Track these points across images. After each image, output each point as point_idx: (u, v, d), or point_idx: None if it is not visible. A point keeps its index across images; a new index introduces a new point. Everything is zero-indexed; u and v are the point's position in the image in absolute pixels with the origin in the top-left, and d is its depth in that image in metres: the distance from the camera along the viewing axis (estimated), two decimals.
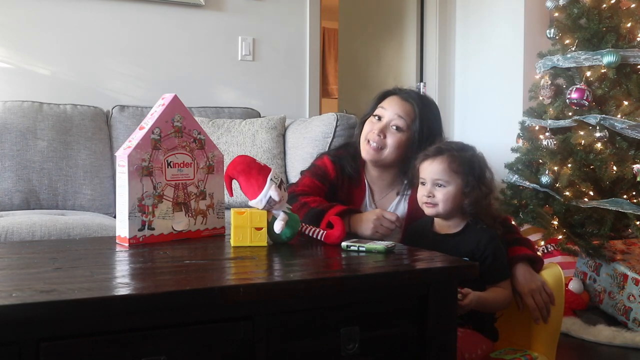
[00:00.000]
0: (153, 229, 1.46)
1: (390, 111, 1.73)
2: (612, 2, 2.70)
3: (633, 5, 2.68)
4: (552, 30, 2.86)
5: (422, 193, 1.58)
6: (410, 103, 1.74)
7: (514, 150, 2.97)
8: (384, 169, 1.79)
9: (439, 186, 1.55)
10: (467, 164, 1.54)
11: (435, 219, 1.63)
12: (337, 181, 1.76)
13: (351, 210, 1.65)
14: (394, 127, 1.72)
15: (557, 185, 2.65)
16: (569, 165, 2.65)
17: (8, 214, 2.34)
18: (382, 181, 1.80)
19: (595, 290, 2.60)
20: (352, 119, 3.02)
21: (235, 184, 1.46)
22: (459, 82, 3.88)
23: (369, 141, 1.73)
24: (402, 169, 1.76)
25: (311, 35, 3.50)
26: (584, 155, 2.61)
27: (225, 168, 1.50)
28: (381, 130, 1.72)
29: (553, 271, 1.70)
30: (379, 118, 1.74)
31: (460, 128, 3.86)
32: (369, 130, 1.74)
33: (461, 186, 1.53)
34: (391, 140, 1.72)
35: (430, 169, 1.55)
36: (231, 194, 1.50)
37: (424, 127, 1.72)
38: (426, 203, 1.57)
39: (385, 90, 1.83)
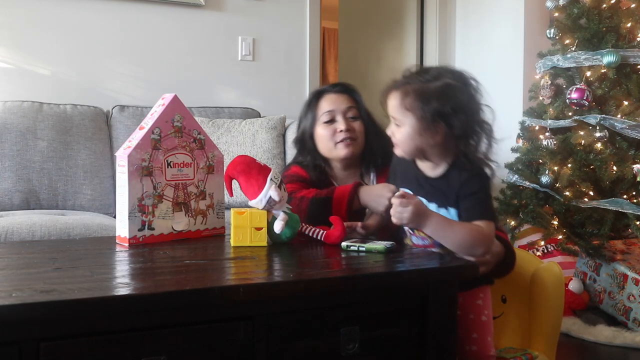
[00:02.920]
0: (153, 229, 1.46)
1: (336, 108, 1.78)
2: (612, 2, 2.70)
3: (633, 5, 2.68)
4: (552, 30, 2.86)
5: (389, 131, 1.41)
6: (343, 95, 1.81)
7: (514, 150, 2.97)
8: (351, 164, 1.82)
9: (397, 125, 1.36)
10: (427, 98, 1.30)
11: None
12: (312, 184, 1.77)
13: (356, 186, 1.64)
14: (351, 118, 1.78)
15: (557, 185, 2.65)
16: (569, 165, 2.65)
17: (8, 214, 2.34)
18: (350, 179, 1.82)
19: (595, 290, 2.60)
20: None
21: (235, 184, 1.46)
22: None
23: (342, 140, 1.76)
24: (365, 158, 1.80)
25: (311, 35, 3.50)
26: (584, 155, 2.61)
27: (225, 168, 1.50)
28: (346, 125, 1.76)
29: (552, 271, 1.70)
30: (331, 121, 1.78)
31: None
32: (332, 133, 1.77)
33: (417, 125, 1.32)
34: (357, 128, 1.78)
35: (388, 106, 1.37)
36: (231, 194, 1.50)
37: (366, 110, 1.81)
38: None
39: (313, 93, 1.87)
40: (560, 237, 2.67)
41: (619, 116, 2.57)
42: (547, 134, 2.79)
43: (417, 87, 1.33)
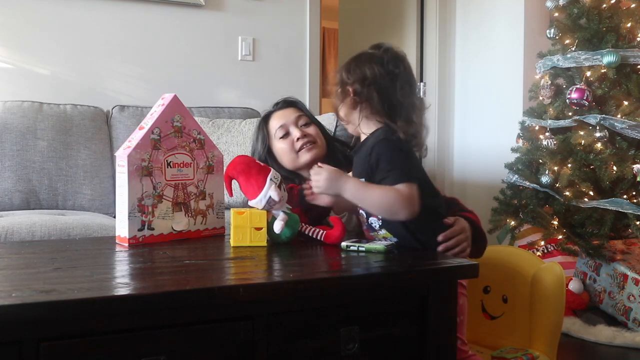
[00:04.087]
0: (153, 229, 1.46)
1: (286, 121, 1.85)
2: (612, 2, 2.70)
3: (633, 5, 2.68)
4: (552, 30, 2.86)
5: None
6: (288, 108, 1.88)
7: (514, 150, 2.97)
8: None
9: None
10: (340, 70, 1.50)
11: None
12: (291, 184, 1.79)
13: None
14: (303, 125, 1.85)
15: (557, 185, 2.65)
16: (569, 165, 2.65)
17: (8, 214, 2.34)
18: None
19: (595, 290, 2.60)
20: None
21: (235, 184, 1.46)
22: (459, 82, 3.88)
23: (301, 148, 1.80)
24: (329, 158, 1.82)
25: (311, 35, 3.50)
26: (584, 155, 2.61)
27: (225, 168, 1.50)
28: (300, 133, 1.81)
29: (553, 271, 1.70)
30: (286, 134, 1.83)
31: (460, 128, 3.86)
32: (290, 144, 1.82)
33: (336, 94, 1.49)
34: (312, 132, 1.84)
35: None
36: (231, 194, 1.50)
37: (312, 115, 1.92)
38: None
39: (260, 119, 1.93)
40: (560, 237, 2.67)
41: (619, 116, 2.57)
42: (547, 134, 2.79)
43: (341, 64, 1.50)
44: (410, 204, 1.34)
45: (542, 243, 2.75)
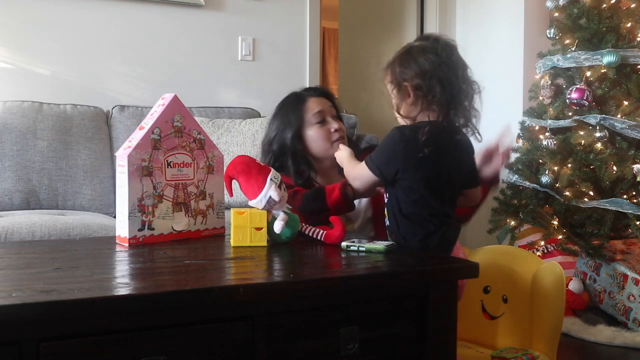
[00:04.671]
0: (153, 229, 1.46)
1: (324, 109, 1.87)
2: (612, 2, 2.70)
3: (633, 5, 2.68)
4: (552, 30, 2.86)
5: None
6: (323, 98, 1.91)
7: (514, 150, 2.97)
8: (337, 163, 1.82)
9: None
10: (392, 65, 1.50)
11: None
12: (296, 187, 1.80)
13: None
14: (336, 117, 1.90)
15: (557, 185, 2.65)
16: (569, 165, 2.65)
17: (8, 214, 2.34)
18: (335, 178, 1.84)
19: (595, 290, 2.60)
20: (352, 119, 3.02)
21: (235, 184, 1.46)
22: None
23: (337, 139, 1.84)
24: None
25: (311, 35, 3.50)
26: (584, 155, 2.61)
27: (225, 168, 1.50)
28: (338, 125, 1.86)
29: (553, 271, 1.70)
30: (323, 121, 1.85)
31: None
32: (327, 133, 1.84)
33: (393, 91, 1.49)
34: (343, 128, 1.90)
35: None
36: (231, 194, 1.50)
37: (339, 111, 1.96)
38: None
39: (292, 97, 1.93)
40: (560, 237, 2.67)
41: (619, 116, 2.57)
42: (547, 134, 2.78)
43: (390, 61, 1.48)
44: (353, 180, 1.53)
45: (542, 243, 2.75)
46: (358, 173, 1.50)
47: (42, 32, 2.94)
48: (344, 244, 1.39)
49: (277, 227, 1.41)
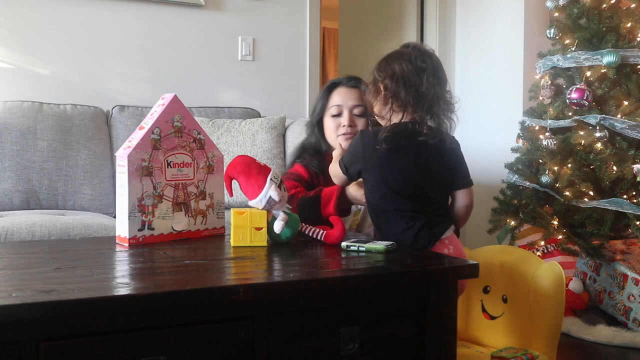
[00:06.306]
0: (153, 229, 1.46)
1: (344, 103, 1.93)
2: (612, 2, 2.70)
3: (633, 5, 2.67)
4: (552, 30, 2.86)
5: None
6: (357, 89, 1.94)
7: (514, 150, 2.97)
8: None
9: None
10: (373, 71, 1.60)
11: None
12: (311, 180, 1.91)
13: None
14: (357, 115, 1.93)
15: (557, 185, 2.65)
16: (569, 165, 2.65)
17: (8, 214, 2.34)
18: None
19: (595, 290, 2.60)
20: None
21: (235, 184, 1.46)
22: (459, 82, 3.88)
23: (344, 134, 1.90)
24: None
25: (311, 35, 3.50)
26: (584, 155, 2.61)
27: (225, 168, 1.50)
28: (349, 121, 1.90)
29: (553, 271, 1.70)
30: (338, 115, 1.92)
31: (460, 128, 3.84)
32: (337, 126, 1.93)
33: (370, 91, 1.60)
34: (359, 125, 1.92)
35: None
36: (231, 194, 1.50)
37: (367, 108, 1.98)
38: None
39: (328, 84, 2.01)
40: (560, 237, 2.67)
41: (619, 116, 2.57)
42: (547, 134, 2.78)
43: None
44: (333, 178, 1.67)
45: (542, 243, 2.75)
46: (335, 171, 1.65)
47: (42, 32, 2.94)
48: (344, 244, 1.39)
49: (277, 227, 1.41)
